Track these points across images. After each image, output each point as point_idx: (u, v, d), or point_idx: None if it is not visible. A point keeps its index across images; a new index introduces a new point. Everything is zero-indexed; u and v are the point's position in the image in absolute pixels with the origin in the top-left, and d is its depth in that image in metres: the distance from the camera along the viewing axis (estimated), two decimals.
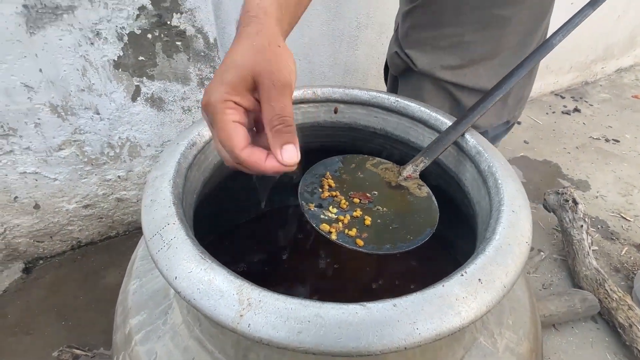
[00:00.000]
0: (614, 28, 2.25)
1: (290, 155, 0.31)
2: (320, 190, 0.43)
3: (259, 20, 0.34)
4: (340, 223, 0.40)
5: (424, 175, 0.48)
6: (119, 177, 1.20)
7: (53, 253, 1.26)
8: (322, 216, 0.40)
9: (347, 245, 0.38)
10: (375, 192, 0.44)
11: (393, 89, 0.90)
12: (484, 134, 1.08)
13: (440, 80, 0.73)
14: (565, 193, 1.35)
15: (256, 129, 0.35)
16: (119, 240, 1.33)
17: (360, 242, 0.38)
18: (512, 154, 1.83)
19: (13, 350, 1.02)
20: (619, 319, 1.06)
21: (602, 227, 1.46)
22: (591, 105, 2.26)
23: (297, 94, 0.54)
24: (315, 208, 0.40)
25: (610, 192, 1.62)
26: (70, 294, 1.16)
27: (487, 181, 0.43)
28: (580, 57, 2.27)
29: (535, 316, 0.47)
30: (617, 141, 1.95)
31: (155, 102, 1.10)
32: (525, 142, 1.92)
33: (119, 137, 1.12)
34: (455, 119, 0.50)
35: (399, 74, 0.85)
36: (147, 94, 1.08)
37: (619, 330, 1.06)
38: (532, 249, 1.24)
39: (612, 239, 1.41)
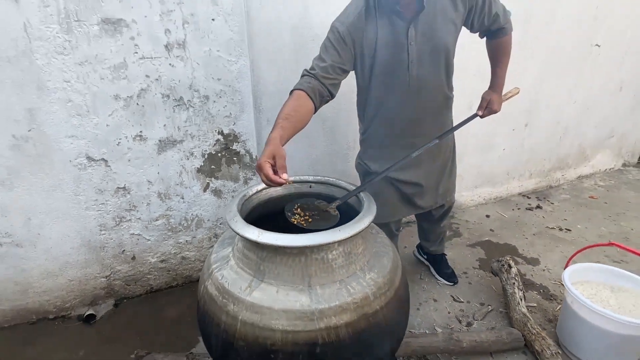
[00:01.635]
0: (560, 145, 2.89)
1: (285, 176, 0.92)
2: (294, 209, 1.02)
3: (277, 128, 1.01)
4: (300, 219, 0.98)
5: (340, 206, 1.06)
6: (186, 241, 1.82)
7: (134, 295, 1.82)
8: (292, 217, 0.99)
9: (301, 225, 0.96)
10: (316, 212, 1.03)
11: (363, 181, 1.55)
12: (428, 213, 1.64)
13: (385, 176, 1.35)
14: (503, 260, 1.81)
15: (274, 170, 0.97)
16: (178, 289, 1.88)
17: (305, 225, 0.96)
18: (479, 239, 2.31)
19: (104, 352, 1.52)
20: (536, 347, 1.42)
21: (543, 291, 1.85)
22: (552, 203, 2.76)
23: (295, 177, 1.17)
24: (290, 214, 1.00)
25: (555, 266, 2.03)
26: (143, 322, 1.68)
27: (362, 205, 1.00)
28: (537, 167, 2.87)
29: (394, 271, 0.97)
30: (569, 230, 2.39)
31: (217, 193, 1.79)
32: (491, 230, 2.41)
33: (192, 214, 1.78)
34: (355, 187, 1.10)
35: (362, 173, 1.51)
36: (213, 187, 1.77)
37: (536, 356, 1.41)
38: (482, 304, 1.68)
39: (550, 299, 1.79)
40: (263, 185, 1.12)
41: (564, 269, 1.50)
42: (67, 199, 1.55)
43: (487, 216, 2.57)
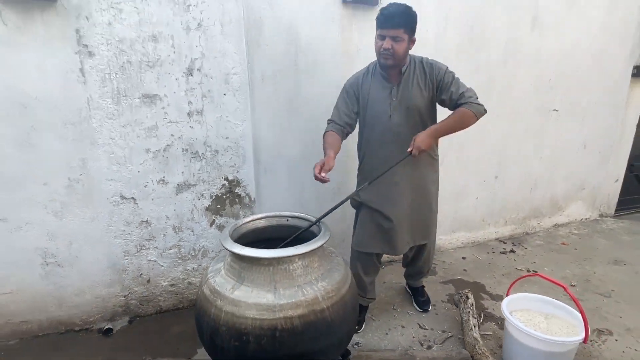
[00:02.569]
0: (532, 196, 3.20)
1: (326, 177, 1.51)
2: None
3: (328, 150, 1.65)
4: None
5: (304, 233, 1.42)
6: (193, 268, 2.17)
7: (145, 314, 2.15)
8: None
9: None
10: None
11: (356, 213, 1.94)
12: (419, 247, 1.96)
13: (369, 207, 1.76)
14: (462, 293, 2.08)
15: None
16: (184, 311, 2.19)
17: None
18: (452, 277, 2.58)
19: (118, 359, 1.82)
20: None
21: (500, 322, 2.09)
22: (525, 248, 3.02)
23: (273, 214, 1.55)
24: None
25: None
26: (152, 337, 1.99)
27: (320, 232, 1.36)
28: (511, 215, 3.17)
29: (342, 283, 1.30)
30: (535, 271, 2.64)
31: (221, 227, 2.16)
32: (464, 269, 2.68)
33: (199, 245, 2.15)
34: (316, 219, 1.47)
35: (356, 206, 1.88)
36: (218, 223, 2.15)
37: None
38: (444, 331, 1.95)
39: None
40: (251, 218, 1.50)
41: (504, 299, 1.78)
42: (102, 229, 1.95)
43: (463, 258, 2.85)
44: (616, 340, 1.95)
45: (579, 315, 1.61)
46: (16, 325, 1.94)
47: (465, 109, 1.66)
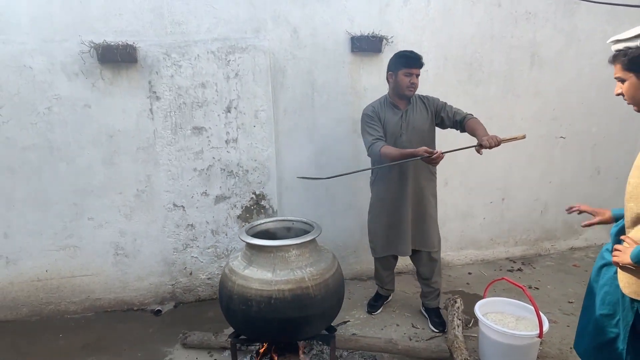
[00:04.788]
0: (542, 219, 3.35)
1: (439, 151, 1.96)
2: None
3: (403, 152, 2.02)
4: None
5: (301, 229, 1.84)
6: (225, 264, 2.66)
7: (187, 301, 2.66)
8: None
9: None
10: None
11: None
12: (418, 266, 2.33)
13: (379, 216, 2.27)
14: (451, 297, 2.35)
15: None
16: (217, 300, 2.67)
17: None
18: (453, 289, 2.82)
19: (169, 332, 2.32)
20: (454, 355, 1.93)
21: None
22: (534, 268, 3.15)
23: (282, 218, 2.00)
24: None
25: None
26: (191, 318, 2.48)
27: (312, 229, 1.77)
28: (521, 236, 3.33)
29: (326, 270, 1.69)
30: (537, 288, 2.80)
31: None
32: (467, 283, 2.91)
33: (231, 247, 2.65)
34: (314, 223, 1.89)
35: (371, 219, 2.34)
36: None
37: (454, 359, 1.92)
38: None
39: None
40: (264, 221, 1.97)
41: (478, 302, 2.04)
42: (158, 229, 2.52)
43: (469, 273, 3.07)
44: None
45: (545, 318, 1.84)
46: (93, 301, 2.54)
47: (474, 118, 2.15)
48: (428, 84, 2.78)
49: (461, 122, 2.17)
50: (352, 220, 2.90)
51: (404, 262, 3.10)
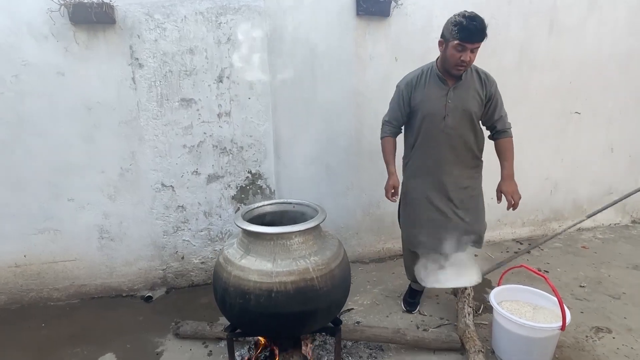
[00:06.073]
0: (552, 199, 3.20)
1: (395, 199, 1.98)
2: None
3: (390, 165, 1.99)
4: None
5: (306, 214, 1.66)
6: (219, 249, 2.49)
7: (180, 286, 2.50)
8: None
9: None
10: None
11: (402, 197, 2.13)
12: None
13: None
14: None
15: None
16: (211, 285, 2.52)
17: None
18: None
19: (160, 320, 2.17)
20: (466, 346, 1.81)
21: None
22: (542, 249, 3.04)
23: (282, 201, 1.81)
24: None
25: None
26: (185, 304, 2.33)
27: (316, 211, 1.59)
28: (529, 217, 3.19)
29: (332, 259, 1.53)
30: (547, 272, 2.68)
31: None
32: None
33: (226, 229, 2.46)
34: (320, 209, 1.70)
35: (402, 191, 2.05)
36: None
37: (466, 353, 1.80)
38: (442, 318, 2.11)
39: None
40: (262, 204, 1.78)
41: (493, 289, 1.90)
42: (145, 211, 2.32)
43: (475, 255, 2.93)
44: (613, 338, 1.99)
45: (565, 307, 1.71)
46: (78, 287, 2.37)
47: (509, 139, 1.93)
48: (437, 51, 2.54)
49: (495, 134, 1.94)
50: (354, 200, 2.73)
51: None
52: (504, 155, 1.94)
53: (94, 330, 2.10)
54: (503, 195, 1.97)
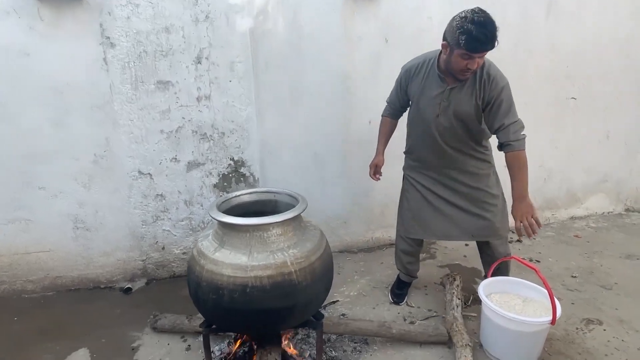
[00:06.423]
0: (545, 187, 3.13)
1: (378, 177, 2.04)
2: None
3: (380, 144, 2.04)
4: None
5: (286, 204, 1.57)
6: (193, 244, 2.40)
7: (161, 277, 2.42)
8: None
9: None
10: None
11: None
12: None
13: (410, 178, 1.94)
14: (450, 274, 2.15)
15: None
16: None
17: None
18: (450, 262, 2.64)
19: (139, 313, 2.09)
20: (454, 340, 1.75)
21: None
22: (534, 239, 2.98)
23: (262, 190, 1.71)
24: None
25: None
26: (165, 296, 2.25)
27: (297, 200, 1.50)
28: None
29: (313, 252, 1.44)
30: (538, 261, 2.63)
31: None
32: (464, 255, 2.72)
33: (208, 219, 2.37)
34: (300, 196, 1.61)
35: (403, 177, 2.02)
36: None
37: (454, 347, 1.74)
38: (430, 310, 2.04)
39: None
40: (240, 193, 1.68)
41: (482, 280, 1.84)
42: (122, 200, 2.22)
43: (466, 245, 2.88)
44: (604, 330, 1.94)
45: (556, 300, 1.64)
46: (53, 279, 2.27)
47: (516, 153, 1.62)
48: (433, 33, 2.42)
49: (499, 146, 1.69)
50: (343, 189, 2.64)
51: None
52: (510, 173, 1.66)
53: (69, 323, 2.02)
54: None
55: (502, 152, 1.69)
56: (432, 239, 2.00)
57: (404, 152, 2.02)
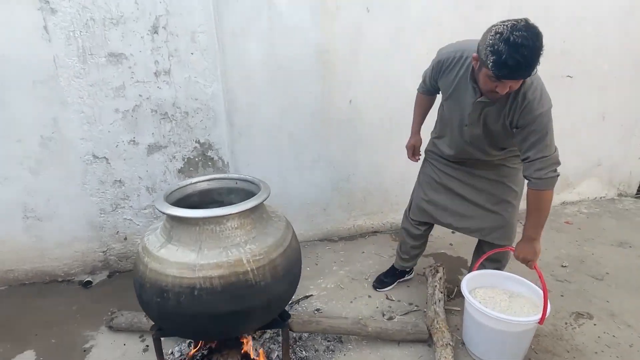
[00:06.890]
0: None
1: (417, 158, 1.92)
2: None
3: (414, 124, 1.88)
4: None
5: (247, 192, 1.39)
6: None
7: (124, 269, 2.24)
8: None
9: None
10: None
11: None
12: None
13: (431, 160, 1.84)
14: (433, 265, 2.01)
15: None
16: None
17: None
18: (435, 251, 2.50)
19: (97, 309, 1.92)
20: (434, 338, 1.62)
21: None
22: (522, 225, 2.84)
23: (221, 176, 1.52)
24: None
25: None
26: (128, 290, 2.08)
27: (259, 187, 1.32)
28: None
29: (274, 247, 1.27)
30: None
31: None
32: (450, 244, 2.58)
33: None
34: (263, 183, 1.42)
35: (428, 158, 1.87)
36: None
37: (434, 346, 1.61)
38: (411, 304, 1.90)
39: None
40: (196, 180, 1.49)
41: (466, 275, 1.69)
42: (77, 186, 2.02)
43: (453, 232, 2.73)
44: (595, 324, 1.83)
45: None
46: (3, 273, 2.08)
47: (537, 192, 1.44)
48: (419, 4, 2.20)
49: (524, 177, 1.50)
50: (322, 173, 2.46)
51: (382, 220, 2.74)
52: (527, 208, 1.50)
53: (18, 322, 1.85)
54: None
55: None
56: (440, 224, 1.86)
57: (431, 135, 1.84)
